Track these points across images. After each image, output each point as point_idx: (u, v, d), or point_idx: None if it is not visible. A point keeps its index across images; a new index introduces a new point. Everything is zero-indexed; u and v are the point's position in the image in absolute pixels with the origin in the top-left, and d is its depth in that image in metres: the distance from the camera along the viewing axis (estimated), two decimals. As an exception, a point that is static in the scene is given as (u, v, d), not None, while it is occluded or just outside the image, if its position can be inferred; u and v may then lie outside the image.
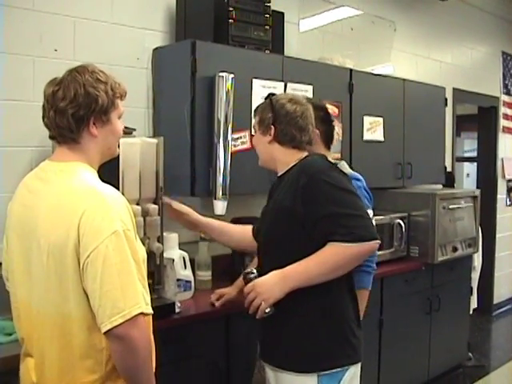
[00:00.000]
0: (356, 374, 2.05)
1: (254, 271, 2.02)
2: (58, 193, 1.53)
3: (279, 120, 2.09)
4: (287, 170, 2.10)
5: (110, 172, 1.76)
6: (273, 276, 1.92)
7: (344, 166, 2.56)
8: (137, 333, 1.44)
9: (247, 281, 2.00)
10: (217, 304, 2.62)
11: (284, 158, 2.12)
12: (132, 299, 1.44)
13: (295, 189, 1.95)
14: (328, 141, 2.55)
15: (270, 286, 1.90)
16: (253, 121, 2.28)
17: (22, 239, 1.58)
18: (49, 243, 1.48)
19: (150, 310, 1.52)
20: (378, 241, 1.91)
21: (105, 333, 1.44)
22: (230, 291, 2.65)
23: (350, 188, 1.97)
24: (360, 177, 2.53)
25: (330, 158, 2.18)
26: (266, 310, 1.93)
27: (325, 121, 2.51)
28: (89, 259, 1.43)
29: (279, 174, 2.16)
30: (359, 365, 2.07)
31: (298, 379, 1.96)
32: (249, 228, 2.42)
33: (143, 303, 1.47)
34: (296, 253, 1.91)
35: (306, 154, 2.14)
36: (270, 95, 2.19)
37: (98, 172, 1.66)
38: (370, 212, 2.33)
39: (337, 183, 1.93)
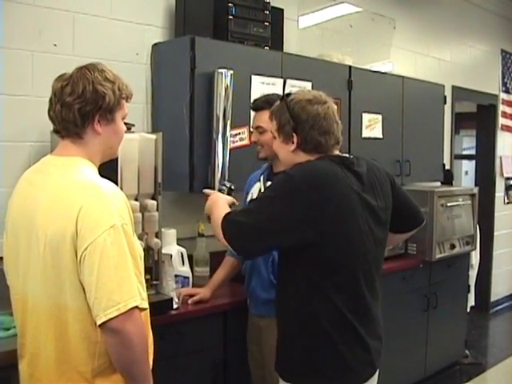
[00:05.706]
0: None
1: (228, 184, 2.29)
2: (57, 185, 1.54)
3: (301, 127, 1.86)
4: None
5: (108, 167, 1.76)
6: (220, 196, 2.12)
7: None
8: (132, 327, 1.45)
9: (218, 190, 2.30)
10: (189, 301, 2.62)
11: None
12: (128, 293, 1.45)
13: None
14: None
15: (211, 202, 2.10)
16: (269, 124, 2.02)
17: (22, 231, 1.58)
18: (46, 235, 1.49)
19: (145, 305, 1.52)
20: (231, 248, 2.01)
21: (100, 325, 1.44)
22: (204, 292, 2.67)
23: (276, 195, 1.81)
24: None
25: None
26: None
27: None
28: (86, 251, 1.44)
29: None
30: None
31: None
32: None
33: (138, 297, 1.48)
34: None
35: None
36: (285, 96, 1.93)
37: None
38: None
39: (271, 189, 1.90)
